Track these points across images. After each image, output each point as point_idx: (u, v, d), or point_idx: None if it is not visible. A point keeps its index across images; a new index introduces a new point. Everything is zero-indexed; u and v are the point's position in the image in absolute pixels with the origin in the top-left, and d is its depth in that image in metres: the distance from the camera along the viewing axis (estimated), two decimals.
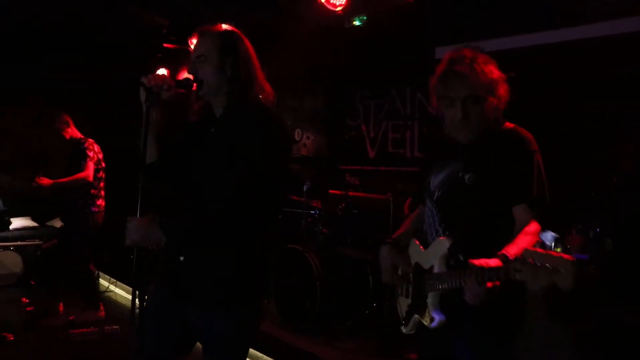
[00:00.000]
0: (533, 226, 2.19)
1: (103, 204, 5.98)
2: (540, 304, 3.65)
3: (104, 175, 5.99)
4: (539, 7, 4.96)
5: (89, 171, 5.76)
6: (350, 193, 5.99)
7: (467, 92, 2.26)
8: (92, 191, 5.86)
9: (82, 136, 6.04)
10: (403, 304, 2.54)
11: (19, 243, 7.35)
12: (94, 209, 5.88)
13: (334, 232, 5.76)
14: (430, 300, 2.29)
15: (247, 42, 2.55)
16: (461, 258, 2.21)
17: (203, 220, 2.32)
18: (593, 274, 1.95)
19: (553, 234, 2.30)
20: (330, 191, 6.68)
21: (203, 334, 2.47)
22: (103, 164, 5.97)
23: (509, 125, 2.38)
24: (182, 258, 2.44)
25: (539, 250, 1.82)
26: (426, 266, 2.37)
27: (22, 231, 7.58)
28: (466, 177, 2.30)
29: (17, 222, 7.66)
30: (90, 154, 5.82)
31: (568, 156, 4.63)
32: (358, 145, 7.00)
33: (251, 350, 4.64)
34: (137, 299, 2.28)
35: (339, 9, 5.75)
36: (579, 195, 4.39)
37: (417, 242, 2.49)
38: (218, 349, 2.45)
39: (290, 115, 7.93)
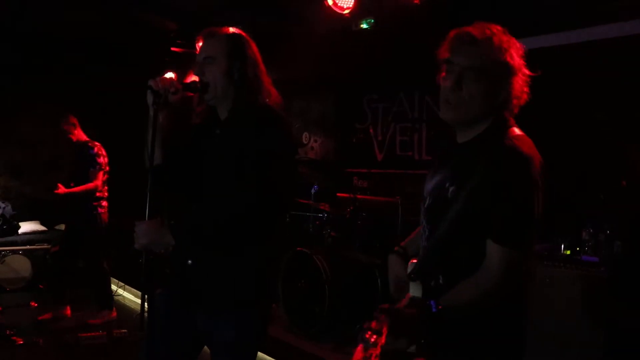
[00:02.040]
0: (488, 272, 1.82)
1: (107, 204, 6.07)
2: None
3: (107, 177, 6.06)
4: (547, 9, 4.95)
5: (99, 181, 5.86)
6: (359, 196, 5.98)
7: (470, 61, 1.91)
8: (97, 194, 5.93)
9: (88, 139, 6.07)
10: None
11: (28, 247, 7.38)
12: (100, 210, 5.97)
13: (342, 235, 5.74)
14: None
15: (254, 46, 2.55)
16: (439, 281, 1.96)
17: (213, 224, 2.31)
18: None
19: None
20: (338, 194, 6.68)
21: (211, 339, 2.46)
22: (107, 168, 6.02)
23: (513, 133, 1.94)
24: (189, 262, 2.44)
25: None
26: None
27: (31, 235, 7.61)
28: (450, 190, 1.94)
29: (25, 226, 7.69)
30: (100, 160, 5.87)
31: (578, 159, 4.61)
32: (366, 148, 6.99)
33: (260, 354, 4.63)
34: (145, 303, 2.28)
35: (346, 12, 5.73)
36: (589, 199, 4.38)
37: (415, 261, 2.15)
38: (226, 354, 2.44)
39: (298, 118, 7.93)
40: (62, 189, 5.75)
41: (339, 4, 5.64)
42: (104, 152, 5.98)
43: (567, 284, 3.95)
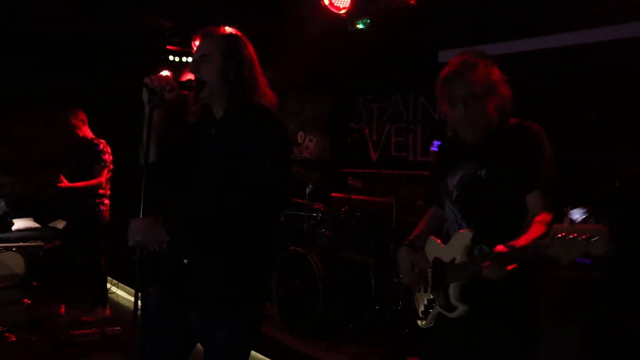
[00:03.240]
0: (542, 215, 2.23)
1: (109, 202, 6.08)
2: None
3: (111, 175, 6.05)
4: (541, 11, 4.96)
5: (103, 178, 5.87)
6: (353, 196, 5.98)
7: (467, 89, 2.34)
8: (100, 191, 5.93)
9: (93, 136, 6.08)
10: (421, 299, 2.65)
11: (21, 244, 7.35)
12: (103, 207, 5.99)
13: (336, 235, 5.75)
14: (451, 290, 2.37)
15: (250, 47, 2.56)
16: (485, 248, 2.28)
17: (208, 223, 2.31)
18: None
19: (582, 210, 2.39)
20: (333, 194, 6.69)
21: (204, 337, 2.46)
22: (111, 166, 6.02)
23: (514, 120, 2.45)
24: (185, 261, 2.44)
25: (566, 225, 1.86)
26: (447, 259, 2.42)
27: (24, 232, 7.57)
28: (482, 173, 2.40)
29: (19, 223, 7.66)
30: (105, 157, 5.89)
31: (570, 161, 4.62)
32: (361, 148, 7.00)
33: (253, 353, 4.61)
34: (139, 301, 2.28)
35: (342, 12, 5.75)
36: (581, 200, 4.39)
37: (435, 239, 2.59)
38: (219, 353, 2.44)
39: (293, 118, 7.93)
40: (65, 183, 5.75)
41: (335, 4, 5.66)
42: (109, 150, 6.00)
43: (560, 286, 3.96)
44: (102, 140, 6.02)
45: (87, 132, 6.09)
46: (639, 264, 3.96)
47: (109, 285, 6.96)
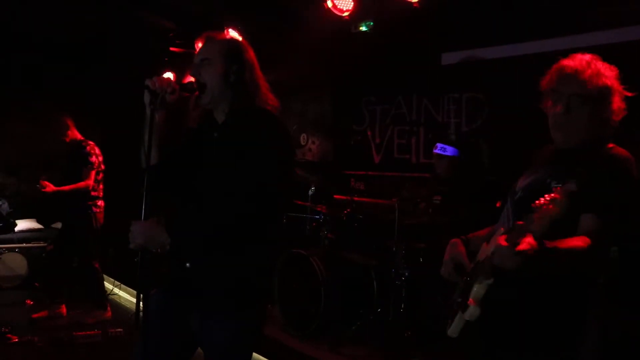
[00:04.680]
0: (581, 238, 2.06)
1: (103, 204, 6.07)
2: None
3: (103, 177, 6.07)
4: (545, 14, 4.96)
5: (90, 180, 5.87)
6: (356, 198, 5.99)
7: (575, 89, 2.22)
8: (93, 193, 5.93)
9: (82, 138, 6.09)
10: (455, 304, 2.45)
11: (24, 245, 7.38)
12: (95, 209, 5.98)
13: (338, 237, 5.74)
14: (474, 289, 2.14)
15: (252, 51, 2.57)
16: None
17: (212, 226, 2.31)
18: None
19: None
20: (335, 196, 6.68)
21: (205, 340, 2.46)
22: (102, 167, 6.03)
23: (612, 146, 2.27)
24: (188, 265, 2.44)
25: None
26: (481, 258, 2.29)
27: (27, 233, 7.60)
28: (552, 184, 2.20)
29: (22, 224, 7.68)
30: (92, 159, 5.89)
31: None
32: (363, 150, 6.99)
33: (255, 355, 4.63)
34: (141, 302, 2.28)
35: (345, 14, 5.75)
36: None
37: (485, 244, 2.38)
38: (220, 355, 2.44)
39: (296, 119, 7.93)
40: (50, 187, 5.76)
41: (338, 6, 5.66)
42: (97, 151, 5.99)
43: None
44: (90, 142, 6.03)
45: (75, 134, 6.10)
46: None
47: (110, 287, 6.98)
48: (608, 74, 2.26)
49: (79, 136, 6.11)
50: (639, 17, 4.43)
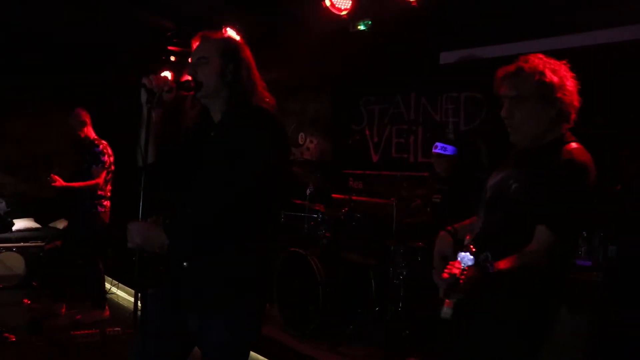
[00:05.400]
0: (531, 248, 2.12)
1: (109, 204, 6.05)
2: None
3: (111, 177, 6.04)
4: (544, 13, 4.96)
5: (101, 179, 5.84)
6: (354, 197, 5.99)
7: (511, 92, 2.26)
8: (100, 192, 5.91)
9: (96, 137, 6.06)
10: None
11: (22, 244, 7.37)
12: (101, 209, 5.96)
13: (336, 236, 5.74)
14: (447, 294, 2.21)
15: (248, 51, 2.57)
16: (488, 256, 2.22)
17: (206, 222, 2.31)
18: None
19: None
20: (334, 195, 6.69)
21: (203, 339, 2.46)
22: (113, 167, 6.01)
23: (570, 146, 2.25)
24: (185, 264, 2.43)
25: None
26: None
27: (25, 232, 7.60)
28: (512, 187, 2.27)
29: (19, 223, 7.68)
30: (104, 158, 5.87)
31: None
32: (362, 149, 7.00)
33: (253, 354, 4.63)
34: (139, 302, 2.28)
35: (343, 13, 5.74)
36: None
37: (468, 236, 2.49)
38: (218, 355, 2.44)
39: (294, 119, 7.94)
40: (59, 182, 5.74)
41: (336, 5, 5.65)
42: (109, 151, 5.98)
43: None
44: (103, 142, 6.01)
45: (89, 132, 6.07)
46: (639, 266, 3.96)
47: (108, 286, 6.98)
48: (548, 70, 2.23)
49: (93, 134, 6.09)
50: (637, 17, 4.43)
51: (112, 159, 6.01)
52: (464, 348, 2.37)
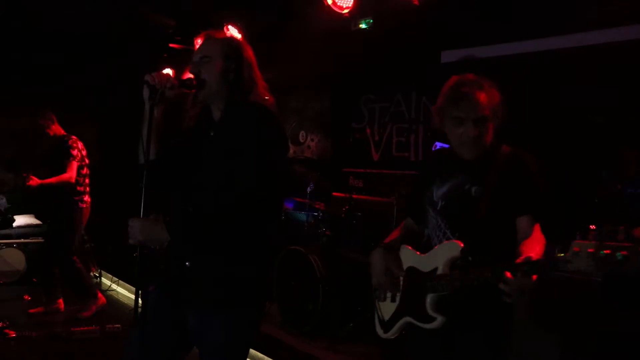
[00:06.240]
0: (539, 235, 2.30)
1: (89, 199, 6.05)
2: (524, 310, 3.67)
3: (88, 172, 6.04)
4: (545, 13, 4.96)
5: (72, 172, 5.80)
6: (354, 196, 5.98)
7: (479, 113, 2.38)
8: (79, 188, 5.91)
9: (65, 133, 6.06)
10: (386, 308, 2.65)
11: (22, 240, 7.38)
12: (82, 204, 5.96)
13: (337, 235, 5.75)
14: (429, 301, 2.36)
15: (251, 51, 2.58)
16: (469, 259, 2.30)
17: (206, 220, 2.31)
18: None
19: None
20: (334, 193, 6.69)
21: (201, 338, 2.46)
22: (87, 160, 6.01)
23: (507, 148, 2.51)
24: (187, 264, 2.43)
25: (594, 242, 1.92)
26: (426, 269, 2.43)
27: (25, 229, 7.61)
28: (473, 189, 2.42)
29: (20, 220, 7.68)
30: (74, 152, 5.85)
31: (573, 163, 4.62)
32: (362, 148, 7.00)
33: (252, 352, 4.64)
34: (139, 299, 2.28)
35: (345, 11, 5.75)
36: (583, 202, 4.39)
37: (411, 248, 2.59)
38: (216, 354, 2.44)
39: (295, 117, 7.94)
40: (34, 180, 5.74)
41: (338, 4, 5.66)
42: (79, 145, 5.96)
43: (560, 288, 3.95)
44: (72, 137, 5.99)
45: (57, 130, 6.06)
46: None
47: (109, 283, 6.99)
48: (494, 91, 2.46)
49: (61, 131, 6.07)
50: (637, 16, 4.43)
51: (84, 152, 6.00)
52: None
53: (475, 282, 2.20)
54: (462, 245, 2.32)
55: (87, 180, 6.03)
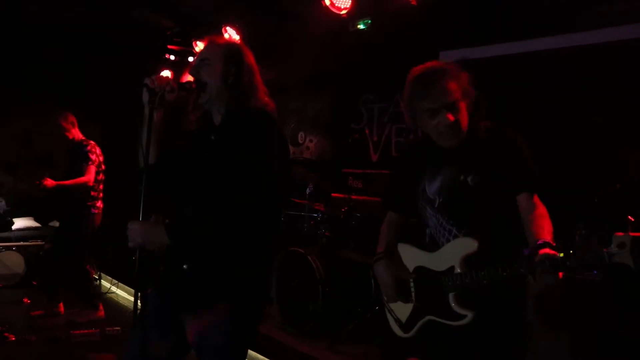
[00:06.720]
0: (542, 208, 2.33)
1: (101, 205, 6.04)
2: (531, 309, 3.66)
3: (103, 178, 6.04)
4: (543, 12, 4.96)
5: (91, 176, 5.81)
6: (353, 196, 5.98)
7: (450, 99, 2.36)
8: (92, 193, 5.91)
9: (84, 138, 6.08)
10: (400, 310, 2.63)
11: (21, 243, 7.37)
12: (94, 210, 5.96)
13: (336, 235, 5.74)
14: (452, 299, 2.35)
15: (252, 57, 2.59)
16: (488, 253, 2.29)
17: (206, 223, 2.31)
18: None
19: None
20: (333, 194, 6.68)
21: (200, 340, 2.45)
22: (103, 167, 6.02)
23: (485, 124, 2.48)
24: (185, 266, 2.43)
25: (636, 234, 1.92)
26: (440, 268, 2.42)
27: (25, 231, 7.60)
28: (469, 179, 2.38)
29: (19, 223, 7.68)
30: (93, 157, 5.86)
31: (572, 163, 4.62)
32: (361, 148, 6.99)
33: (252, 352, 4.64)
34: (138, 301, 2.28)
35: (343, 12, 5.75)
36: (583, 202, 4.38)
37: (414, 246, 2.59)
38: (215, 355, 2.43)
39: (294, 117, 7.93)
40: (50, 182, 5.73)
41: (336, 5, 5.66)
42: (97, 151, 5.98)
43: (560, 287, 3.95)
44: (91, 142, 6.01)
45: (77, 134, 6.08)
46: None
47: (108, 285, 6.98)
48: (460, 73, 2.48)
49: (80, 135, 6.09)
50: (634, 16, 4.43)
51: (101, 158, 6.01)
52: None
53: (506, 280, 2.19)
54: (477, 242, 2.30)
55: (101, 187, 6.03)
